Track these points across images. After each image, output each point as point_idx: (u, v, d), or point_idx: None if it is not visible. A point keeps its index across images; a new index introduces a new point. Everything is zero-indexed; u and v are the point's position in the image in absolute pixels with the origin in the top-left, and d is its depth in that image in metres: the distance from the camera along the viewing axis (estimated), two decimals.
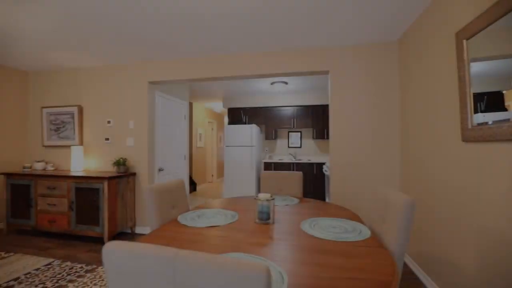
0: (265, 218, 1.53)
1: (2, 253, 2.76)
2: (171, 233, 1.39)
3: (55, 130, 3.80)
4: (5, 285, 2.13)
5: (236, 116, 6.14)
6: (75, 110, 3.68)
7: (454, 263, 1.74)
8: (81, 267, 2.44)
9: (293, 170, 5.53)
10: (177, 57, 3.32)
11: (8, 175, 3.34)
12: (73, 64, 3.58)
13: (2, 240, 3.16)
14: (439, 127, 1.94)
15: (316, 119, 5.69)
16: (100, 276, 2.27)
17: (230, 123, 6.14)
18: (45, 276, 2.27)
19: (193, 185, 6.47)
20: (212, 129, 8.46)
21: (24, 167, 3.58)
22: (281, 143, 6.21)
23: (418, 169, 2.31)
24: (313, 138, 5.73)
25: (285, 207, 1.96)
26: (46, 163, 3.80)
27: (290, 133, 6.13)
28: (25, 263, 2.53)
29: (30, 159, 3.94)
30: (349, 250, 1.16)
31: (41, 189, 3.23)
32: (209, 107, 7.83)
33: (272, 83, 4.89)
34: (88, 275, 2.30)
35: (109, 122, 3.59)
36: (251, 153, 5.34)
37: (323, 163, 5.38)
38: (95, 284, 2.14)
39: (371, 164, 2.83)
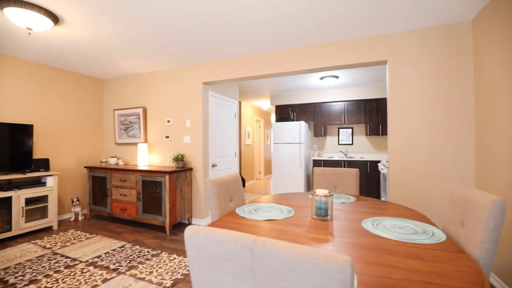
0: (323, 214, 1.50)
1: (87, 234, 3.24)
2: (232, 224, 1.46)
3: (125, 130, 4.30)
4: (90, 260, 2.52)
5: (284, 113, 6.11)
6: (140, 111, 4.11)
7: None
8: (148, 251, 2.73)
9: (344, 167, 5.28)
10: (228, 57, 3.44)
11: (90, 168, 3.90)
12: (139, 70, 3.99)
13: (86, 224, 3.71)
14: None
15: (370, 114, 5.33)
16: (164, 261, 2.50)
17: (277, 120, 6.14)
18: (120, 256, 2.60)
19: (242, 182, 6.67)
20: (260, 127, 8.58)
21: (101, 162, 4.14)
22: (330, 140, 5.98)
23: (500, 167, 1.99)
24: (366, 134, 5.39)
25: (341, 205, 1.89)
26: (118, 158, 4.33)
27: (340, 130, 5.86)
28: (104, 244, 2.92)
29: (106, 155, 4.53)
30: (421, 253, 1.06)
31: (115, 181, 3.69)
32: (256, 105, 7.96)
33: (321, 78, 4.73)
34: (154, 259, 2.55)
35: (168, 121, 3.92)
36: (300, 150, 5.26)
37: (378, 161, 5.02)
38: (160, 268, 2.37)
39: (437, 162, 2.53)
